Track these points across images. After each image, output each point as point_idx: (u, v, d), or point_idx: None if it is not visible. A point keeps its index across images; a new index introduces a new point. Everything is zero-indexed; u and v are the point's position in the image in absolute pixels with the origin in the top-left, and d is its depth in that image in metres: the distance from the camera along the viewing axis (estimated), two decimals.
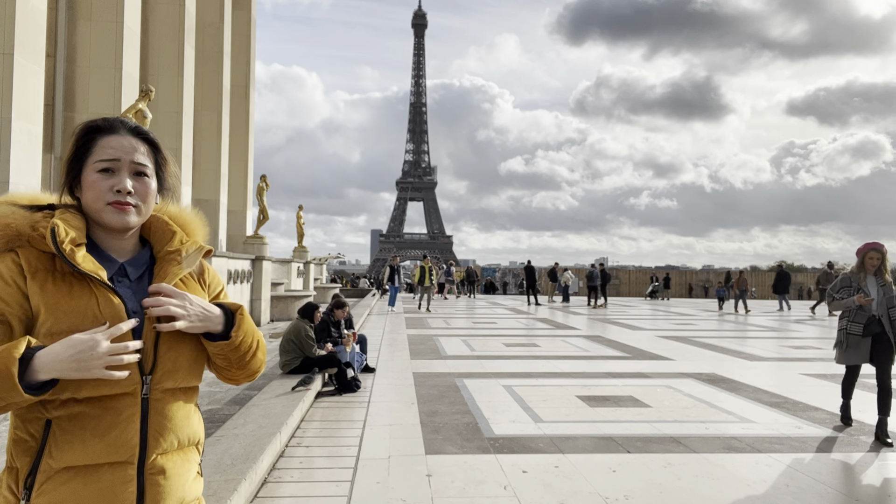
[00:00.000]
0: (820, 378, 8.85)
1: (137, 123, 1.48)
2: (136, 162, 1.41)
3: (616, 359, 10.39)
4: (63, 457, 1.28)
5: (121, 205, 1.37)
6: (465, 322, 17.49)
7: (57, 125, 10.43)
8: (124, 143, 1.41)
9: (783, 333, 15.90)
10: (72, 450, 1.28)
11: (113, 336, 1.27)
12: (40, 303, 1.29)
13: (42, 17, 8.00)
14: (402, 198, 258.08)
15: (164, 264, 1.45)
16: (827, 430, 5.89)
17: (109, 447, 1.30)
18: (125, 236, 1.43)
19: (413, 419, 6.06)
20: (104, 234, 1.42)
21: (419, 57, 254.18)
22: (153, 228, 1.50)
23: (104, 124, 1.43)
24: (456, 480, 4.37)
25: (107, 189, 1.37)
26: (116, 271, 1.40)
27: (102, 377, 1.24)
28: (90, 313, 1.31)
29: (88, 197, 1.39)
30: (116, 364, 1.25)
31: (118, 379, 1.28)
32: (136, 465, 1.32)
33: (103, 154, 1.39)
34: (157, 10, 12.91)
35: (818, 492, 4.26)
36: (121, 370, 1.27)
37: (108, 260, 1.40)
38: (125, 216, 1.38)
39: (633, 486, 4.31)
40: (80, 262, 1.32)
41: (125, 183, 1.38)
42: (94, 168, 1.39)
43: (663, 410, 6.58)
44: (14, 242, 1.33)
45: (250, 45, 19.38)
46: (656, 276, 38.91)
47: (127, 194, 1.38)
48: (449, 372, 8.73)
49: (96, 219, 1.40)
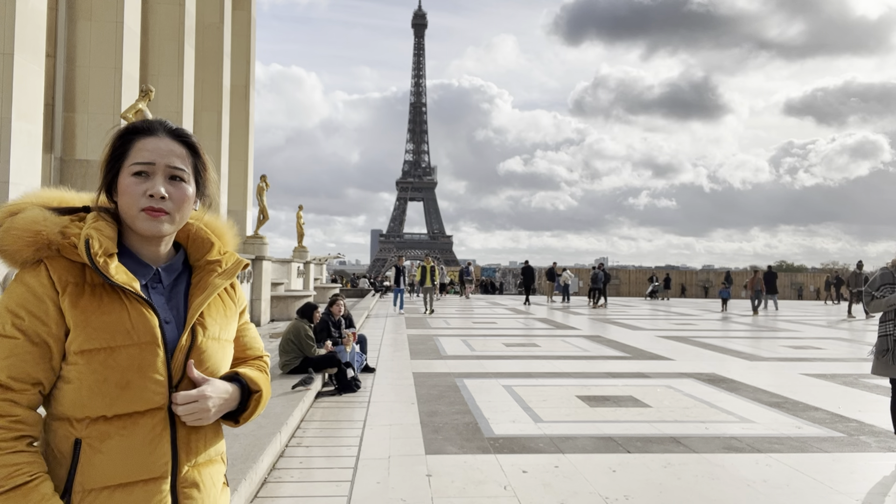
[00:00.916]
0: (820, 378, 8.85)
1: (179, 126, 1.41)
2: (172, 165, 1.35)
3: (616, 359, 10.39)
4: (97, 477, 1.24)
5: (154, 212, 1.31)
6: (465, 322, 17.49)
7: (57, 125, 10.43)
8: (160, 146, 1.35)
9: (783, 333, 15.90)
10: (105, 470, 1.25)
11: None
12: (71, 318, 1.25)
13: (42, 17, 8.01)
14: (402, 198, 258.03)
15: (204, 275, 1.42)
16: (827, 430, 5.89)
17: (143, 464, 1.27)
18: (160, 244, 1.38)
19: (413, 419, 6.06)
20: (139, 240, 1.37)
21: (419, 57, 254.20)
22: (191, 236, 1.46)
23: (143, 126, 1.37)
24: (456, 480, 4.37)
25: (140, 194, 1.31)
26: (151, 277, 1.37)
27: None
28: (122, 328, 1.27)
29: (123, 202, 1.33)
30: None
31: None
32: (169, 479, 1.30)
33: (138, 157, 1.33)
34: (157, 10, 12.91)
35: (818, 492, 4.26)
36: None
37: (142, 266, 1.36)
38: (158, 224, 1.32)
39: (633, 486, 4.31)
40: (114, 273, 1.27)
41: (159, 187, 1.32)
42: (129, 171, 1.33)
43: (663, 410, 6.58)
44: (43, 252, 1.28)
45: (250, 45, 19.39)
46: (656, 276, 38.90)
47: (161, 199, 1.32)
48: (449, 372, 8.73)
49: (130, 225, 1.34)
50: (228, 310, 1.47)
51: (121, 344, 1.25)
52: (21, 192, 7.39)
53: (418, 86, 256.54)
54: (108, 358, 1.24)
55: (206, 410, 1.31)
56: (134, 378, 1.26)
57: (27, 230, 1.26)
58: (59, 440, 1.26)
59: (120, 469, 1.25)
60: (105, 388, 1.24)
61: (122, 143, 1.35)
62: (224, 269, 1.44)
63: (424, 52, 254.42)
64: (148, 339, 1.28)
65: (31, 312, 1.24)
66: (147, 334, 1.28)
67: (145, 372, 1.27)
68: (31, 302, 1.25)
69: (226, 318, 1.45)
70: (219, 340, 1.41)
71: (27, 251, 1.26)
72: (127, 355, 1.26)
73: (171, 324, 1.34)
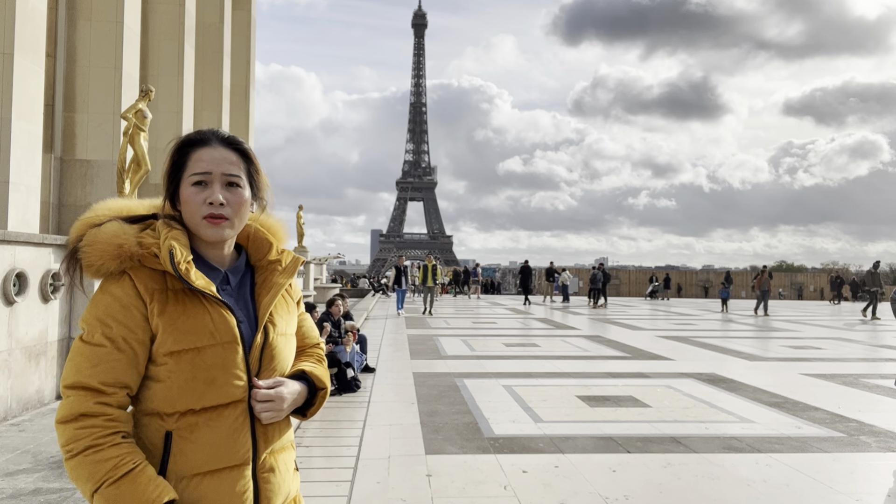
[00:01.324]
0: (820, 378, 8.85)
1: (230, 134, 1.50)
2: (227, 173, 1.43)
3: (616, 359, 10.39)
4: (188, 465, 1.35)
5: (214, 218, 1.41)
6: (465, 322, 17.49)
7: (57, 125, 10.42)
8: (215, 155, 1.43)
9: (783, 333, 15.90)
10: (195, 458, 1.35)
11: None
12: (158, 323, 1.35)
13: (42, 17, 8.00)
14: (403, 198, 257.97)
15: (267, 275, 1.51)
16: (827, 430, 5.89)
17: (228, 452, 1.37)
18: (223, 247, 1.48)
19: (413, 419, 6.06)
20: (204, 245, 1.46)
21: (419, 57, 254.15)
22: (251, 238, 1.55)
23: (197, 137, 1.46)
24: (456, 480, 4.37)
25: (201, 202, 1.40)
26: (221, 280, 1.46)
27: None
28: (206, 330, 1.36)
29: (186, 211, 1.42)
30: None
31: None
32: (251, 466, 1.41)
33: (196, 168, 1.42)
34: (157, 10, 12.91)
35: (818, 492, 4.26)
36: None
37: (212, 270, 1.45)
38: (220, 230, 1.42)
39: (633, 486, 4.31)
40: (195, 279, 1.37)
41: (217, 195, 1.41)
42: (189, 182, 1.42)
43: (663, 410, 6.58)
44: (126, 264, 1.36)
45: (250, 45, 19.37)
46: (656, 276, 38.90)
47: (220, 206, 1.41)
48: (449, 372, 8.73)
49: (195, 231, 1.43)
50: (290, 305, 1.56)
51: (206, 344, 1.36)
52: (21, 191, 7.33)
53: (418, 86, 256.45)
54: (195, 357, 1.35)
55: (280, 410, 1.43)
56: (219, 375, 1.36)
57: (110, 244, 1.36)
58: (151, 433, 1.36)
59: (208, 457, 1.36)
60: (194, 385, 1.34)
61: (180, 156, 1.45)
62: (284, 267, 1.53)
63: (424, 52, 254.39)
64: (229, 338, 1.38)
65: (119, 321, 1.33)
66: (228, 334, 1.38)
67: (228, 369, 1.37)
68: (118, 311, 1.34)
69: (289, 314, 1.55)
70: (286, 335, 1.51)
71: (112, 264, 1.36)
72: (212, 354, 1.36)
73: (244, 322, 1.44)
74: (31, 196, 7.80)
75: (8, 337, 5.87)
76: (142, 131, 9.02)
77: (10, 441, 5.09)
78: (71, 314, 7.00)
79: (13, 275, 5.86)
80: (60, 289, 6.68)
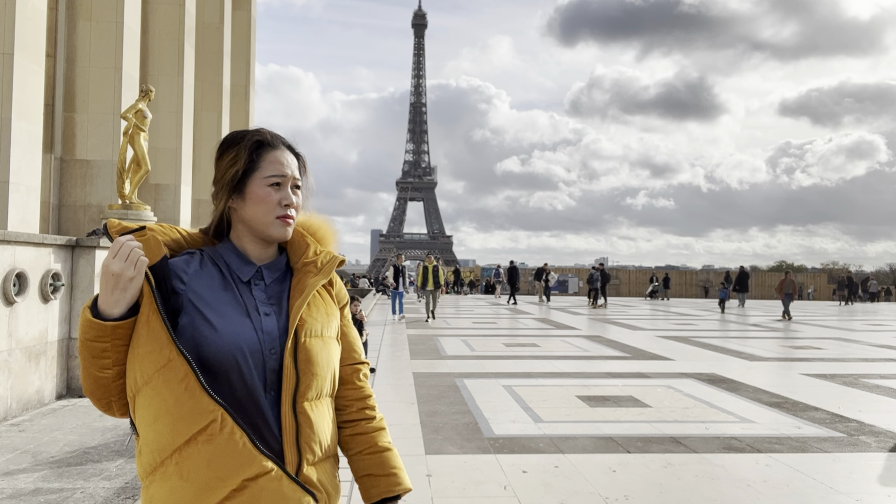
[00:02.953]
0: (820, 378, 8.85)
1: (291, 140, 1.55)
2: (296, 177, 1.49)
3: (616, 359, 10.39)
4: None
5: (287, 218, 1.45)
6: (465, 322, 17.49)
7: (57, 125, 10.42)
8: (288, 159, 1.49)
9: (783, 333, 15.90)
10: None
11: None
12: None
13: (42, 17, 8.00)
14: (403, 198, 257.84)
15: (302, 276, 1.49)
16: (827, 430, 5.89)
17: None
18: (273, 250, 1.51)
19: (413, 419, 6.06)
20: (251, 241, 1.48)
21: (419, 57, 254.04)
22: (291, 239, 1.54)
23: (269, 140, 1.49)
24: (456, 480, 4.37)
25: (276, 203, 1.44)
26: (254, 274, 1.46)
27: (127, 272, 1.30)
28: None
29: (259, 210, 1.44)
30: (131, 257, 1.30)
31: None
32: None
33: (273, 170, 1.46)
34: (157, 10, 12.90)
35: (818, 492, 4.26)
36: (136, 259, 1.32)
37: (246, 263, 1.46)
38: (288, 229, 1.47)
39: (633, 486, 4.31)
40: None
41: (293, 198, 1.46)
42: (265, 182, 1.45)
43: (663, 410, 6.58)
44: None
45: (250, 45, 19.37)
46: (656, 276, 38.90)
47: (292, 208, 1.46)
48: (449, 372, 8.73)
49: (262, 229, 1.45)
50: (329, 307, 1.52)
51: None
52: (21, 192, 7.31)
53: (418, 86, 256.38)
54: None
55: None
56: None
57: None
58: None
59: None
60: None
61: (255, 156, 1.47)
62: (320, 267, 1.51)
63: (424, 52, 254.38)
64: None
65: None
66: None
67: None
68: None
69: (327, 316, 1.49)
70: (322, 338, 1.44)
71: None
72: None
73: (269, 315, 1.41)
74: (31, 196, 7.80)
75: (8, 337, 5.87)
76: (142, 131, 9.03)
77: (10, 441, 5.09)
78: (71, 314, 7.00)
79: (13, 275, 5.86)
80: (60, 289, 6.68)
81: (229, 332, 1.33)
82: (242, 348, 1.33)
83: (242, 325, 1.36)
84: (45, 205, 10.12)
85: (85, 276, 7.05)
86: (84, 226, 10.20)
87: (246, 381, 1.32)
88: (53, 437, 5.24)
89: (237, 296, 1.40)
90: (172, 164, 12.56)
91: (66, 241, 6.89)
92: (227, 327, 1.34)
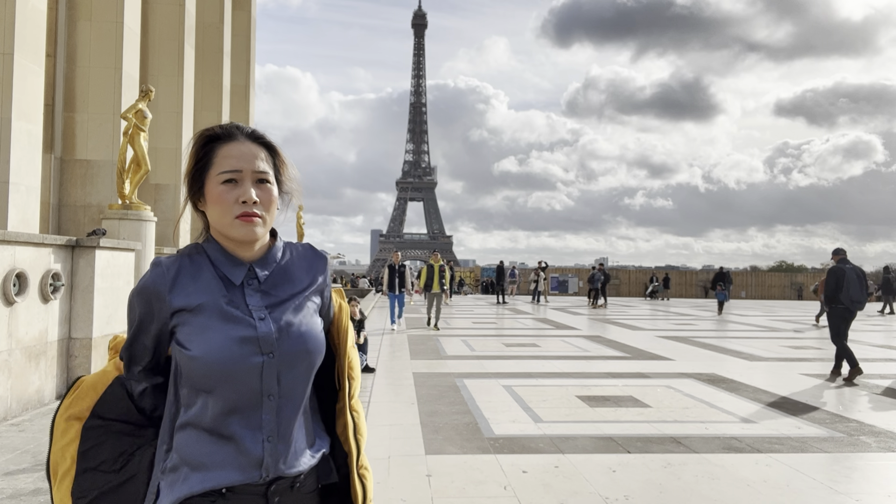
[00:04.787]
0: (820, 378, 8.85)
1: (254, 128, 1.41)
2: (258, 170, 1.34)
3: (616, 359, 10.39)
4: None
5: (247, 216, 1.32)
6: (465, 322, 17.49)
7: (57, 125, 10.42)
8: (244, 151, 1.34)
9: (783, 334, 15.90)
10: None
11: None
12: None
13: (42, 17, 8.00)
14: (402, 198, 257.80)
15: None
16: (827, 430, 5.89)
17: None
18: (253, 247, 1.37)
19: (413, 419, 6.06)
20: (233, 244, 1.37)
21: (419, 57, 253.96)
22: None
23: (221, 132, 1.36)
24: (456, 480, 4.37)
25: (233, 201, 1.31)
26: (246, 275, 1.36)
27: None
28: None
29: (215, 212, 1.33)
30: None
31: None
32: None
33: (225, 165, 1.33)
34: (157, 10, 12.90)
35: (818, 492, 4.26)
36: None
37: (236, 265, 1.36)
38: (252, 228, 1.32)
39: (633, 486, 4.31)
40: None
41: (250, 193, 1.32)
42: (217, 180, 1.32)
43: (663, 410, 6.58)
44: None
45: (250, 45, 19.37)
46: (656, 276, 38.88)
47: (253, 204, 1.32)
48: (449, 372, 8.73)
49: (225, 233, 1.34)
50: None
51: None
52: (21, 192, 7.32)
53: (418, 86, 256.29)
54: None
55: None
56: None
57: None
58: None
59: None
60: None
61: (205, 153, 1.35)
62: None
63: (424, 52, 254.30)
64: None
65: None
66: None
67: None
68: None
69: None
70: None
71: None
72: None
73: (265, 320, 1.32)
74: (31, 196, 7.80)
75: (8, 337, 5.86)
76: (142, 131, 9.02)
77: (10, 441, 5.09)
78: (71, 314, 7.00)
79: (13, 275, 5.86)
80: (60, 289, 6.68)
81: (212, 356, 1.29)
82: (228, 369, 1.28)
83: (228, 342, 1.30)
84: (45, 205, 10.12)
85: (85, 277, 7.05)
86: (84, 226, 10.20)
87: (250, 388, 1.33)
88: None
89: (226, 306, 1.33)
90: (172, 164, 12.56)
91: (66, 241, 6.89)
92: (209, 353, 1.29)
